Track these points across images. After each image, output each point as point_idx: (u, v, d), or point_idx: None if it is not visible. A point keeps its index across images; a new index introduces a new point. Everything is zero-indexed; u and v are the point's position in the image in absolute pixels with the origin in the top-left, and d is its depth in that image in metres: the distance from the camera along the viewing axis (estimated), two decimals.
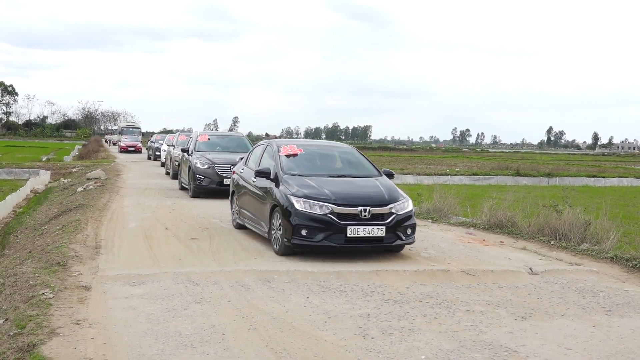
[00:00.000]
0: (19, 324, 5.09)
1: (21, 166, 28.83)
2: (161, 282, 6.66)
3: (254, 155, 10.48)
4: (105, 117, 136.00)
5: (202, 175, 14.89)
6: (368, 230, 7.83)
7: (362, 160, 9.80)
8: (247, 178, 9.90)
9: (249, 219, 9.61)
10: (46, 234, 10.27)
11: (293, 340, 4.95)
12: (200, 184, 14.92)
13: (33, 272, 6.86)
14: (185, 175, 16.41)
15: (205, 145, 16.44)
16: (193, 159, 15.44)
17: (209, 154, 15.71)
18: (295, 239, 7.83)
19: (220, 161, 15.06)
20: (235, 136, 18.42)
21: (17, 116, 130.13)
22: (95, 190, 16.02)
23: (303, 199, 7.96)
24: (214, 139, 17.32)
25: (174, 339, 4.87)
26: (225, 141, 17.38)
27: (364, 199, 8.08)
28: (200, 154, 15.71)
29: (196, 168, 15.02)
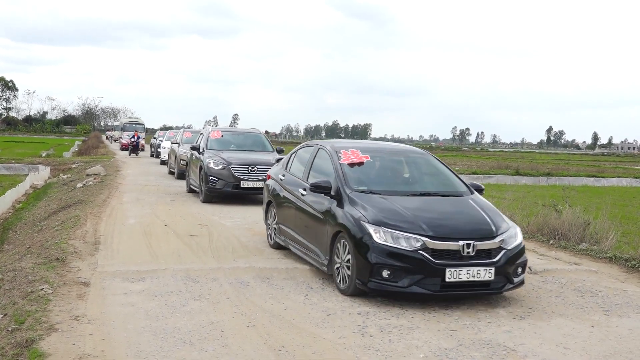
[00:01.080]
0: (17, 320, 5.09)
1: (21, 162, 28.83)
2: (160, 278, 6.67)
3: (299, 159, 8.43)
4: (105, 113, 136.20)
5: (215, 177, 13.27)
6: (473, 273, 5.88)
7: (444, 171, 7.68)
8: (292, 188, 7.92)
9: (296, 243, 7.61)
10: (45, 229, 10.27)
11: (292, 337, 4.95)
12: (214, 187, 13.31)
13: (32, 267, 6.86)
14: (195, 176, 14.69)
15: (218, 143, 14.73)
16: (205, 158, 13.76)
17: (223, 152, 14.02)
18: (373, 282, 5.87)
19: (237, 161, 13.45)
20: (251, 133, 16.16)
21: (17, 111, 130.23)
22: (95, 187, 16.01)
23: (383, 228, 5.97)
24: (227, 136, 15.38)
25: (172, 335, 4.88)
26: (240, 139, 15.54)
27: (465, 228, 6.14)
28: (212, 152, 14.00)
29: (209, 169, 13.37)
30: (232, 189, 13.26)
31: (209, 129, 15.51)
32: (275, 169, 9.10)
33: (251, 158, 13.68)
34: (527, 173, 32.66)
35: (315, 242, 6.99)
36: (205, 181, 13.41)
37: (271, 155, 13.98)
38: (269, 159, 13.31)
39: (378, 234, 5.93)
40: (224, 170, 13.30)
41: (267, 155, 14.14)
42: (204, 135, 15.34)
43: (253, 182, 13.16)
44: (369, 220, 6.09)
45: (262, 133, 16.40)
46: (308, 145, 8.51)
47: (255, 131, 16.48)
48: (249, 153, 14.31)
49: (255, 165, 13.31)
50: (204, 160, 13.72)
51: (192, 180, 15.24)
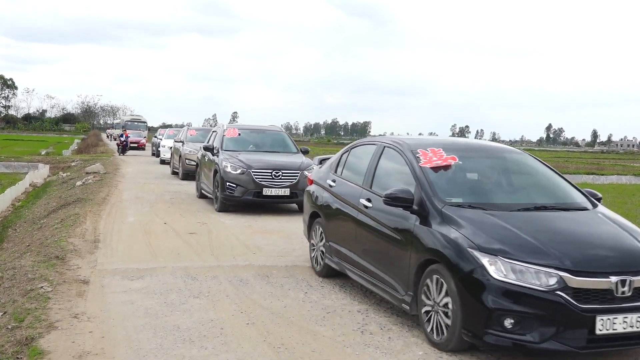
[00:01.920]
0: (17, 318, 5.10)
1: (20, 160, 28.84)
2: (159, 276, 6.67)
3: (354, 160, 6.73)
4: (104, 111, 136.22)
5: (233, 183, 11.50)
6: (631, 322, 4.32)
7: (553, 176, 6.00)
8: (350, 198, 6.23)
9: (359, 269, 5.94)
10: (45, 227, 10.27)
11: (291, 335, 4.95)
12: (231, 195, 11.52)
13: (32, 265, 6.87)
14: (208, 180, 12.89)
15: (235, 143, 12.84)
16: (221, 160, 11.96)
17: (241, 154, 12.23)
18: (491, 334, 4.31)
19: (258, 165, 11.69)
20: (272, 131, 14.08)
21: (17, 110, 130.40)
22: (94, 185, 16.02)
23: (501, 258, 4.38)
24: (245, 134, 13.37)
25: (172, 333, 4.88)
26: (260, 138, 13.53)
27: (613, 257, 4.54)
28: (229, 154, 12.22)
29: (226, 173, 11.60)
30: (252, 197, 11.48)
31: (223, 126, 13.49)
32: (320, 173, 7.32)
33: (274, 161, 11.93)
34: None
35: (389, 270, 5.37)
36: (221, 188, 11.65)
37: (296, 158, 12.48)
38: (295, 162, 12.00)
39: (495, 266, 4.35)
40: (244, 176, 11.50)
41: (291, 158, 12.48)
42: (218, 133, 13.41)
43: (277, 189, 11.49)
44: (478, 245, 4.48)
45: (284, 131, 14.35)
46: (367, 143, 6.71)
47: (277, 129, 14.42)
48: (271, 155, 12.51)
49: (279, 169, 11.59)
50: (219, 163, 11.93)
51: (204, 185, 13.50)
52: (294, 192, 11.53)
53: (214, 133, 13.95)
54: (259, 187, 11.46)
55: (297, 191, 11.44)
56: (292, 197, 11.65)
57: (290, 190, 11.52)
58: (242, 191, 11.49)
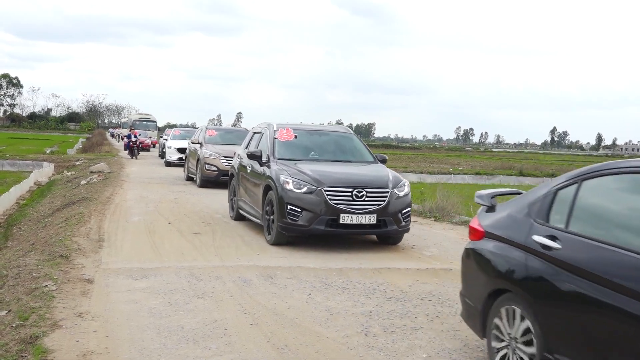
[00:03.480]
0: (21, 316, 5.11)
1: (25, 158, 28.90)
2: (164, 276, 6.68)
3: (596, 198, 3.79)
4: (109, 110, 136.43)
5: (297, 207, 8.24)
6: None
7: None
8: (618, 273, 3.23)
9: None
10: (49, 226, 10.29)
11: (295, 336, 4.95)
12: (294, 223, 8.25)
13: (36, 264, 6.88)
14: (253, 199, 9.74)
15: (290, 149, 9.69)
16: (276, 173, 8.75)
17: (303, 164, 9.01)
18: None
19: (333, 180, 8.39)
20: (339, 133, 10.66)
21: (22, 108, 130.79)
22: (99, 184, 16.05)
23: None
24: (304, 137, 10.12)
25: (176, 333, 4.88)
26: (324, 142, 10.24)
27: None
28: (286, 164, 9.01)
29: (286, 192, 8.38)
30: (325, 227, 8.18)
31: (272, 126, 10.14)
32: (507, 221, 4.28)
33: (353, 175, 8.75)
34: (531, 174, 32.67)
35: None
36: (279, 212, 8.39)
37: (378, 170, 9.20)
38: (381, 177, 8.77)
39: None
40: (312, 196, 8.24)
41: (372, 170, 9.22)
42: (266, 135, 10.18)
43: (360, 215, 8.20)
44: None
45: (353, 132, 10.93)
46: (623, 170, 3.62)
47: (343, 130, 10.93)
48: (343, 166, 9.29)
49: (362, 187, 8.31)
50: (274, 177, 8.69)
51: (245, 204, 10.30)
52: (381, 219, 8.30)
53: (258, 135, 10.73)
54: (335, 212, 8.16)
55: (386, 218, 8.34)
56: (378, 227, 8.35)
57: (378, 217, 8.28)
58: (310, 218, 8.18)
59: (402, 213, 8.51)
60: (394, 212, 8.38)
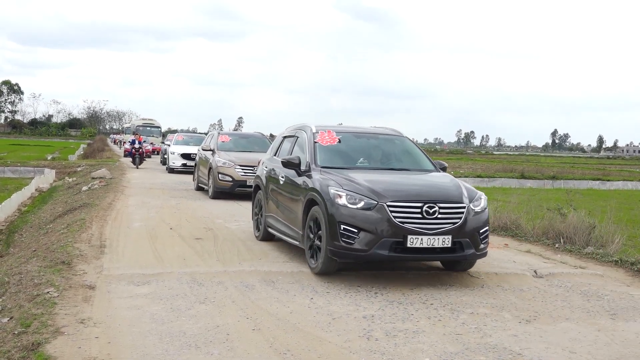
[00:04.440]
0: (23, 323, 5.11)
1: (26, 165, 28.95)
2: (165, 282, 6.68)
3: None
4: (110, 116, 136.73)
5: (353, 226, 6.66)
6: None
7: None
8: None
9: None
10: (51, 232, 10.30)
11: (297, 341, 4.95)
12: (350, 246, 6.67)
13: (38, 270, 6.88)
14: (289, 217, 8.12)
15: (334, 155, 8.12)
16: (322, 185, 7.18)
17: (354, 173, 7.42)
18: None
19: (397, 193, 6.88)
20: (389, 136, 8.89)
21: (23, 115, 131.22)
22: (100, 190, 16.06)
23: None
24: (349, 141, 8.45)
25: (178, 339, 4.88)
26: (373, 146, 8.53)
27: None
28: (333, 174, 7.43)
29: (337, 209, 6.78)
30: (389, 252, 6.60)
31: (311, 129, 8.46)
32: None
33: (421, 186, 7.29)
34: (532, 176, 32.66)
35: None
36: (329, 234, 6.78)
37: (447, 179, 7.69)
38: (454, 188, 7.26)
39: None
40: (372, 213, 6.66)
41: (439, 179, 7.71)
42: (302, 139, 8.56)
43: (432, 236, 6.63)
44: None
45: (410, 138, 9.07)
46: None
47: (394, 132, 9.12)
48: (403, 175, 7.72)
49: (434, 200, 6.78)
50: (321, 190, 7.09)
51: (275, 221, 8.69)
52: (457, 241, 6.76)
53: (290, 140, 9.16)
54: (401, 233, 6.60)
55: (462, 240, 6.79)
56: (453, 251, 6.80)
57: (453, 239, 6.72)
58: (370, 240, 6.60)
59: (480, 233, 6.97)
60: (471, 232, 6.86)
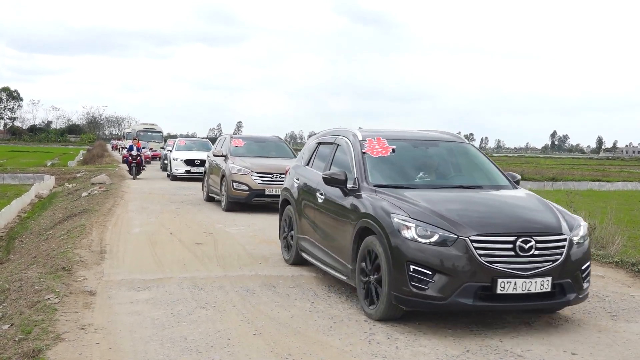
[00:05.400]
0: (24, 329, 5.10)
1: (26, 171, 28.96)
2: (166, 287, 6.67)
3: None
4: (109, 122, 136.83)
5: (426, 267, 5.20)
6: None
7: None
8: None
9: None
10: (51, 239, 10.30)
11: (298, 345, 4.94)
12: (422, 292, 5.21)
13: (38, 277, 6.88)
14: (328, 242, 6.74)
15: (385, 169, 6.54)
16: (382, 209, 5.65)
17: (414, 193, 5.94)
18: None
19: (480, 223, 5.36)
20: (450, 142, 7.28)
21: (22, 121, 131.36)
22: (100, 195, 16.06)
23: None
24: (404, 150, 6.81)
25: (179, 344, 4.88)
26: (433, 156, 6.95)
27: None
28: (390, 194, 5.91)
29: (405, 242, 5.29)
30: (473, 301, 5.16)
31: (356, 135, 6.86)
32: None
33: (509, 212, 5.68)
34: (532, 178, 32.72)
35: None
36: (394, 275, 5.32)
37: (533, 200, 6.13)
38: (548, 213, 5.75)
39: None
40: (450, 249, 5.19)
41: (525, 201, 6.14)
42: (345, 149, 6.95)
43: (527, 280, 5.21)
44: None
45: (468, 142, 7.59)
46: None
47: (456, 138, 7.47)
48: (478, 195, 6.19)
49: (528, 232, 5.32)
50: (380, 216, 5.58)
51: (311, 245, 7.22)
52: (557, 283, 5.32)
53: (327, 147, 7.55)
54: (488, 275, 5.13)
55: (563, 282, 5.37)
56: (552, 296, 5.36)
57: (553, 281, 5.28)
58: (448, 285, 5.14)
59: (582, 270, 5.52)
60: (573, 270, 5.42)
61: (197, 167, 22.10)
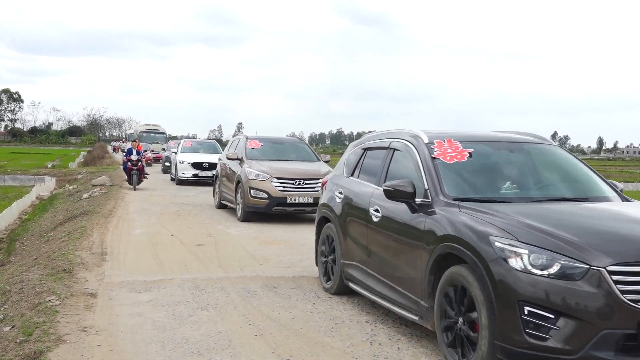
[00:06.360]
0: (25, 331, 5.10)
1: (26, 173, 28.99)
2: (167, 288, 6.67)
3: None
4: (110, 123, 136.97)
5: (546, 309, 3.85)
6: None
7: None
8: None
9: None
10: (52, 240, 10.29)
11: (299, 346, 4.93)
12: (541, 343, 3.82)
13: (39, 279, 6.87)
14: (389, 268, 5.45)
15: (462, 179, 5.25)
16: (480, 233, 4.25)
17: (506, 207, 4.67)
18: None
19: (615, 248, 3.97)
20: (536, 144, 5.97)
21: (23, 123, 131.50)
22: (101, 197, 16.06)
23: None
24: (482, 156, 5.54)
25: (180, 345, 4.87)
26: (517, 162, 5.64)
27: None
28: (485, 214, 4.49)
29: (515, 275, 3.94)
30: (615, 354, 3.75)
31: (419, 138, 5.66)
32: None
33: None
34: None
35: None
36: (499, 320, 3.99)
37: None
38: None
39: None
40: (580, 284, 3.85)
41: None
42: (407, 154, 5.70)
43: None
44: None
45: (556, 143, 6.51)
46: None
47: (540, 139, 6.18)
48: (591, 209, 4.93)
49: None
50: (473, 242, 4.27)
51: (363, 275, 5.97)
52: None
53: (379, 153, 6.30)
54: (634, 319, 3.80)
55: None
56: None
57: None
58: (579, 333, 3.83)
59: None
60: None
61: (205, 171, 20.87)
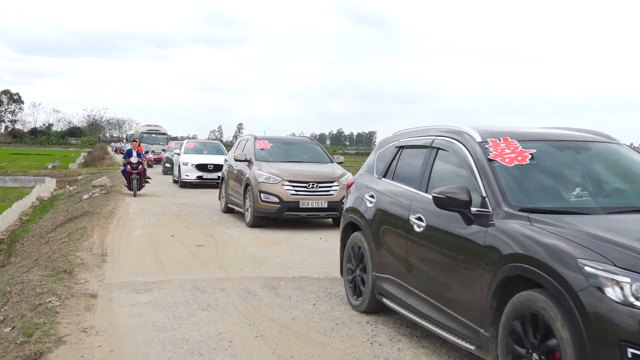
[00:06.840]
0: (26, 332, 5.09)
1: (27, 174, 29.02)
2: (167, 289, 6.66)
3: None
4: (110, 124, 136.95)
5: None
6: None
7: None
8: None
9: None
10: (52, 241, 10.29)
11: (300, 347, 4.93)
12: None
13: (39, 279, 6.87)
14: (442, 298, 4.56)
15: (525, 185, 4.34)
16: (562, 254, 3.41)
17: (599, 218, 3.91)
18: None
19: None
20: (602, 144, 5.07)
21: (23, 124, 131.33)
22: (101, 198, 16.06)
23: None
24: (548, 155, 4.66)
25: (180, 346, 4.87)
26: (583, 165, 4.75)
27: None
28: (558, 228, 3.63)
29: (618, 316, 3.09)
30: None
31: (469, 136, 4.79)
32: None
33: None
34: None
35: None
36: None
37: None
38: None
39: None
40: None
41: None
42: (459, 154, 4.76)
43: None
44: None
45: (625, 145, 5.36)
46: None
47: (604, 138, 5.26)
48: None
49: None
50: (553, 266, 3.42)
51: (401, 292, 5.17)
52: None
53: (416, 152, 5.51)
54: None
55: None
56: None
57: None
58: None
59: None
60: None
61: (210, 173, 20.06)
